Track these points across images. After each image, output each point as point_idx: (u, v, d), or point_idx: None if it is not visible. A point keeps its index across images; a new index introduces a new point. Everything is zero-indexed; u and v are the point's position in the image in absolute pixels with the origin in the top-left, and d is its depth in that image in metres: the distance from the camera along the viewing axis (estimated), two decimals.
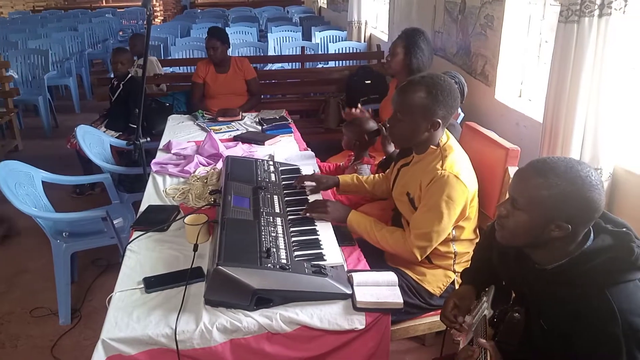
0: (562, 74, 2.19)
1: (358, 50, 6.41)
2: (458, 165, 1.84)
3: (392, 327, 1.79)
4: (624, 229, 1.24)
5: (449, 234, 1.92)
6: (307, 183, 2.28)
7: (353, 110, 3.03)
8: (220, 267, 1.52)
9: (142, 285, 1.67)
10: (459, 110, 3.21)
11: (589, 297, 1.17)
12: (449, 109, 1.83)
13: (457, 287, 2.01)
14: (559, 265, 1.25)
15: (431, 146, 1.90)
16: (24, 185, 2.70)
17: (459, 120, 3.15)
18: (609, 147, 2.17)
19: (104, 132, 4.00)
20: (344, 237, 1.95)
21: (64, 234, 2.73)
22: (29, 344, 2.61)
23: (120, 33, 9.67)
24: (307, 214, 2.00)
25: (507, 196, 1.30)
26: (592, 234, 1.25)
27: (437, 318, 2.05)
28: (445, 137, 1.91)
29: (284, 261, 1.64)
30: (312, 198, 2.21)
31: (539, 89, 3.03)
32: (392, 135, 2.01)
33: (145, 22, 3.35)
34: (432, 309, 2.03)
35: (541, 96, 2.74)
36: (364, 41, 6.57)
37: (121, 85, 4.21)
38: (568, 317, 1.20)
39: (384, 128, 2.63)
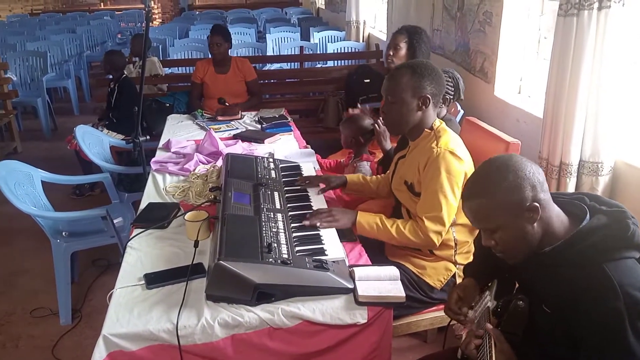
0: (562, 68, 2.19)
1: (357, 50, 6.41)
2: (453, 142, 1.88)
3: (394, 323, 1.78)
4: (619, 208, 1.26)
5: None
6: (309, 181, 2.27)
7: (351, 110, 3.04)
8: (221, 261, 1.51)
9: (143, 282, 1.66)
10: (458, 107, 3.21)
11: (587, 274, 1.18)
12: (436, 85, 1.89)
13: (458, 280, 2.01)
14: (556, 246, 1.25)
15: (425, 130, 1.94)
16: (24, 185, 2.70)
17: (458, 118, 3.15)
18: (609, 141, 2.16)
19: (106, 134, 3.99)
20: (345, 232, 1.94)
21: (63, 233, 2.72)
22: (29, 344, 2.61)
23: (119, 36, 9.67)
24: (317, 224, 1.90)
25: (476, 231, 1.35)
26: (587, 215, 1.25)
27: (439, 313, 2.06)
28: (438, 122, 1.96)
29: (285, 256, 1.64)
30: (312, 194, 2.20)
31: (539, 85, 3.03)
32: (388, 123, 2.04)
33: (143, 25, 3.35)
34: (433, 303, 2.04)
35: (541, 92, 2.73)
36: (363, 41, 6.57)
37: (116, 87, 4.21)
38: (569, 297, 1.20)
39: (376, 125, 2.64)
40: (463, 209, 1.34)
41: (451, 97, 2.65)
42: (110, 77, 4.31)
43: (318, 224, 1.90)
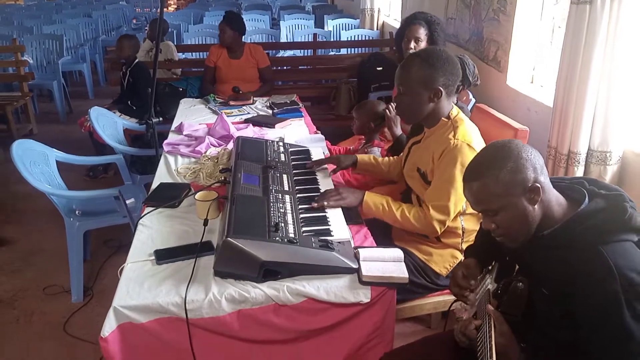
0: (574, 56, 2.19)
1: (370, 38, 6.39)
2: (470, 134, 1.87)
3: (398, 306, 1.81)
4: (617, 192, 1.28)
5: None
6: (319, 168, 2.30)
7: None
8: (229, 239, 1.55)
9: (153, 257, 1.70)
10: (470, 95, 3.21)
11: (585, 256, 1.20)
12: (449, 76, 1.86)
13: None
14: (554, 229, 1.27)
15: (442, 118, 1.92)
16: (39, 164, 2.75)
17: (470, 106, 3.15)
18: (619, 131, 2.16)
19: (119, 116, 4.05)
20: (352, 215, 1.97)
21: (77, 212, 2.77)
22: (42, 320, 2.67)
23: (134, 21, 9.73)
24: (324, 204, 1.93)
25: (482, 216, 1.37)
26: (586, 199, 1.27)
27: (443, 297, 2.08)
28: (456, 111, 1.94)
29: (291, 235, 1.67)
30: (320, 177, 2.23)
31: (552, 74, 3.01)
32: (400, 112, 2.02)
33: (158, 10, 3.38)
34: (438, 289, 2.05)
35: (553, 82, 2.73)
36: (377, 29, 6.55)
37: (128, 71, 4.26)
38: (567, 279, 1.22)
39: (387, 111, 2.66)
40: (464, 192, 1.35)
41: (459, 84, 2.64)
42: (123, 61, 4.36)
43: (326, 204, 1.93)
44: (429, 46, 3.06)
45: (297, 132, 3.04)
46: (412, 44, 3.07)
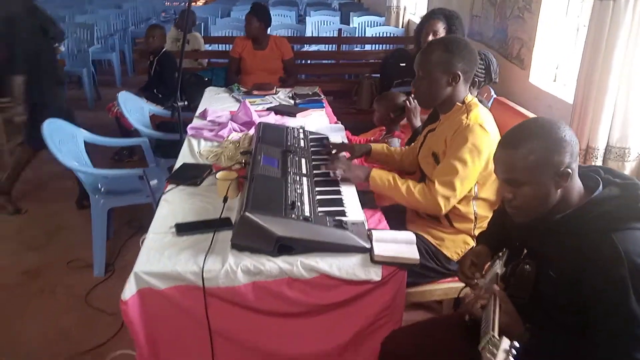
0: (595, 51, 2.19)
1: (395, 35, 6.41)
2: (482, 116, 1.89)
3: (408, 289, 1.84)
4: (632, 181, 1.29)
5: (471, 190, 1.96)
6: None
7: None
8: (247, 213, 1.61)
9: (174, 230, 1.77)
10: (492, 91, 3.22)
11: (595, 242, 1.21)
12: (467, 62, 1.90)
13: None
14: (567, 214, 1.29)
15: (457, 103, 1.96)
16: (68, 143, 2.85)
17: (490, 102, 3.16)
18: (638, 127, 2.16)
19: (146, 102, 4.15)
20: (367, 200, 2.02)
21: (101, 189, 2.87)
22: (65, 292, 2.78)
23: (163, 14, 9.88)
24: (331, 172, 2.07)
25: (499, 184, 1.36)
26: (600, 186, 1.29)
27: (454, 284, 2.10)
28: (470, 97, 1.97)
29: (307, 214, 1.72)
30: None
31: (574, 73, 3.00)
32: (418, 97, 2.08)
33: (187, 3, 3.48)
34: (449, 274, 2.08)
35: (576, 80, 2.73)
36: (402, 27, 6.56)
37: (155, 60, 4.36)
38: (576, 263, 1.23)
39: (407, 102, 2.70)
40: (495, 157, 1.33)
41: (482, 79, 2.66)
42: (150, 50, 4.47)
43: (337, 171, 2.05)
44: (448, 34, 3.09)
45: (318, 122, 3.09)
46: (430, 37, 3.11)
